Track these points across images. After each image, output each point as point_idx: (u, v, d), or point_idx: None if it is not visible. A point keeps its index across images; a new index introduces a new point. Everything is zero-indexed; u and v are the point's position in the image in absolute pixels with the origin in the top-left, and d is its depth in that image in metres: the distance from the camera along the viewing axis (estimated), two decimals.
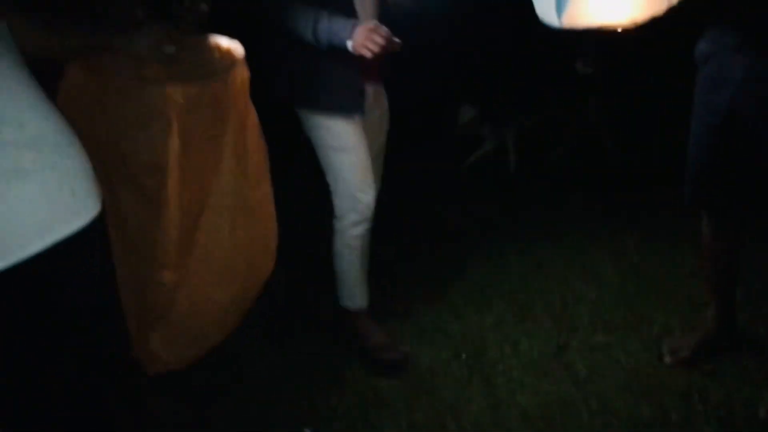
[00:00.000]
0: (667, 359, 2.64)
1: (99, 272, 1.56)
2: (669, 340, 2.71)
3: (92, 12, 2.12)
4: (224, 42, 2.18)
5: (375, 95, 2.68)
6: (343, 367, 2.74)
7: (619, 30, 1.62)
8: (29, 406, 1.46)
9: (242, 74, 2.09)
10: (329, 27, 2.34)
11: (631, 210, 3.77)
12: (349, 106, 2.55)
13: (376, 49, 2.30)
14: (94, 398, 1.56)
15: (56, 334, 1.44)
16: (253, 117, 2.19)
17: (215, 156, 2.08)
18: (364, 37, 2.30)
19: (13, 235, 1.33)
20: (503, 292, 3.16)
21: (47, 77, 1.75)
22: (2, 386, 1.43)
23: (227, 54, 2.15)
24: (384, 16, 2.55)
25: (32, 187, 1.36)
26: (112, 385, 1.62)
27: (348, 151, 2.59)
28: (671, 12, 1.55)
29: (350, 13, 2.42)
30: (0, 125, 1.33)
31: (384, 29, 2.31)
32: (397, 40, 2.34)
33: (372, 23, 2.34)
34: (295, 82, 2.55)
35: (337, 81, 2.51)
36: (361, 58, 2.36)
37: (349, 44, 2.33)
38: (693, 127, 2.39)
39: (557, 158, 4.36)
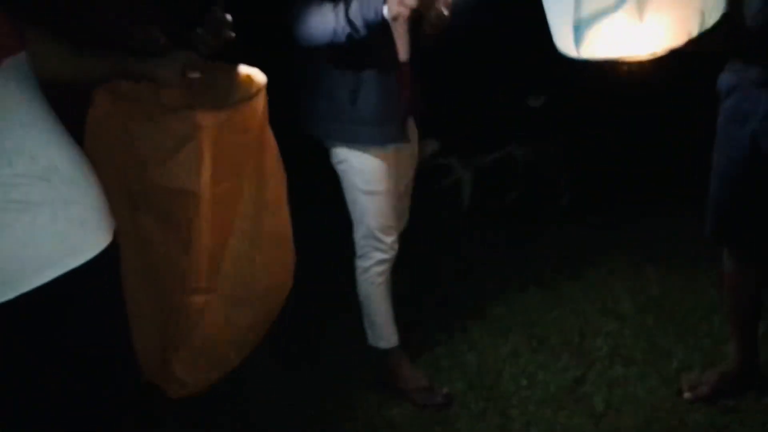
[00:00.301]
0: (687, 395, 2.59)
1: (108, 304, 1.57)
2: (689, 376, 2.66)
3: (116, 38, 2.14)
4: (246, 69, 2.19)
5: (410, 128, 2.66)
6: (355, 396, 2.72)
7: (637, 62, 1.60)
8: None
9: (264, 101, 2.10)
10: (359, 4, 2.23)
11: (651, 241, 3.71)
12: (389, 136, 2.51)
13: (413, 3, 2.22)
14: (102, 428, 1.56)
15: (64, 364, 1.44)
16: (272, 142, 2.20)
17: (239, 181, 2.10)
18: None
19: (21, 266, 1.34)
20: (520, 324, 3.12)
21: (73, 103, 1.78)
22: (9, 415, 1.43)
23: (249, 81, 2.16)
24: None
25: (41, 220, 1.37)
26: (120, 416, 1.62)
27: (377, 195, 2.57)
28: (689, 44, 1.53)
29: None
30: (12, 157, 1.34)
31: None
32: None
33: None
34: (331, 115, 2.49)
35: (378, 112, 2.46)
36: (400, 89, 2.37)
37: (386, 10, 2.22)
38: (715, 160, 2.37)
39: (511, 201, 4.24)
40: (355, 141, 2.50)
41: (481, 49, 3.60)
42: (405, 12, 2.21)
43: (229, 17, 1.94)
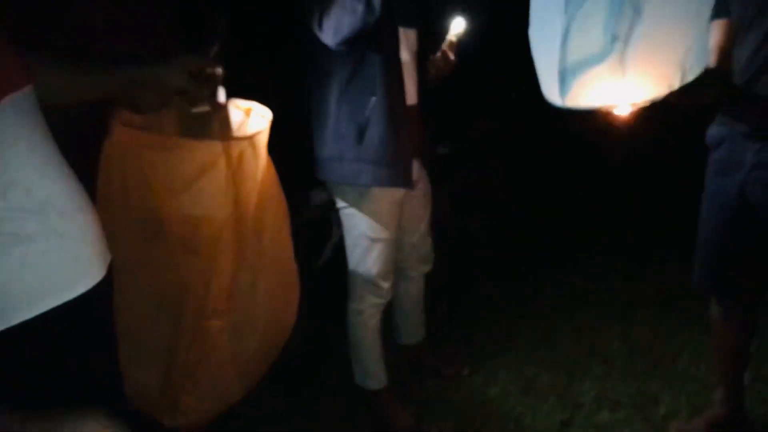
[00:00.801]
0: None
1: (96, 339, 1.54)
2: (676, 423, 2.66)
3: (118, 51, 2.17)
4: (252, 104, 2.22)
5: (418, 171, 2.70)
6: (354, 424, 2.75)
7: (620, 112, 1.64)
8: None
9: (267, 133, 2.13)
10: None
11: (640, 285, 3.75)
12: (393, 179, 2.51)
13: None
14: None
15: (51, 397, 1.41)
16: (273, 171, 2.21)
17: (250, 208, 2.12)
18: None
19: (11, 299, 1.32)
20: (509, 364, 3.14)
21: (88, 135, 1.79)
22: None
23: (256, 114, 2.19)
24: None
25: (34, 253, 1.35)
26: None
27: (380, 242, 2.60)
28: (671, 96, 1.57)
29: (394, 59, 2.45)
30: (7, 189, 1.31)
31: None
32: None
33: None
34: (338, 153, 2.50)
35: (387, 152, 2.47)
36: (410, 131, 2.43)
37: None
38: (703, 210, 2.40)
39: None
40: (358, 181, 2.51)
41: None
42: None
43: (219, 71, 1.97)
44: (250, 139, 2.05)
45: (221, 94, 2.14)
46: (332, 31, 2.31)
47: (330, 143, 2.50)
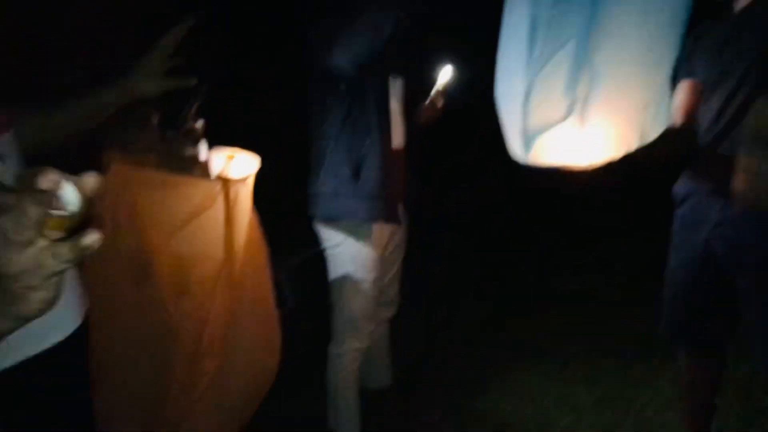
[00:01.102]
0: None
1: (72, 386, 1.52)
2: None
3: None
4: (233, 150, 2.23)
5: (402, 214, 2.75)
6: None
7: (578, 170, 1.69)
8: None
9: (253, 177, 2.15)
10: None
11: (609, 334, 3.76)
12: (386, 213, 2.59)
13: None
14: None
15: None
16: (255, 215, 2.21)
17: (240, 251, 2.12)
18: None
19: None
20: (478, 413, 3.13)
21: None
22: None
23: (237, 159, 2.20)
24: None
25: None
26: None
27: (365, 282, 2.63)
28: (638, 153, 1.62)
29: (381, 114, 2.52)
30: None
31: None
32: None
33: None
34: (335, 191, 2.55)
35: (382, 190, 2.54)
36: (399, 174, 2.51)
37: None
38: (671, 264, 2.44)
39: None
40: (354, 216, 2.56)
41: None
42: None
43: (200, 125, 1.98)
44: (244, 180, 2.07)
45: (203, 149, 2.17)
46: (353, 50, 2.36)
47: (327, 179, 2.56)
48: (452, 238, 4.99)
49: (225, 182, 1.99)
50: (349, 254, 2.61)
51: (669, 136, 2.21)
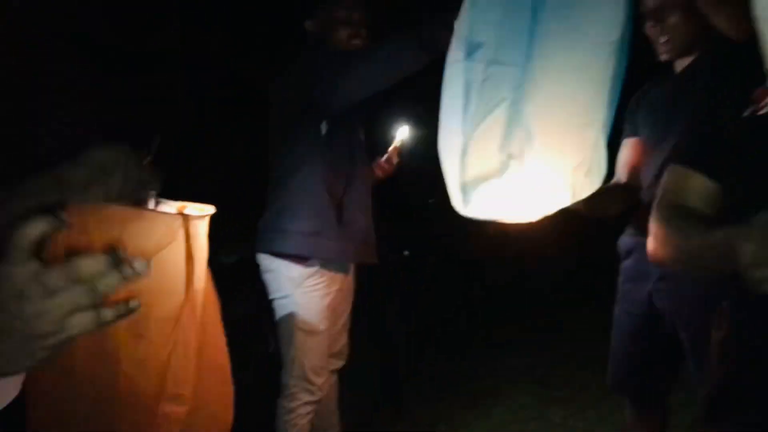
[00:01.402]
0: None
1: None
2: None
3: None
4: (184, 204, 2.21)
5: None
6: None
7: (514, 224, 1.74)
8: None
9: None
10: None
11: (557, 384, 3.79)
12: (370, 256, 2.64)
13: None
14: None
15: None
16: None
17: (199, 292, 2.02)
18: None
19: None
20: None
21: None
22: None
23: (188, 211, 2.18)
24: None
25: None
26: None
27: (316, 335, 2.60)
28: (562, 212, 1.67)
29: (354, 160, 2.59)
30: None
31: None
32: None
33: None
34: (316, 232, 2.54)
35: (362, 232, 2.60)
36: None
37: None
38: (616, 316, 2.47)
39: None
40: (340, 258, 2.60)
41: None
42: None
43: (155, 178, 1.98)
44: (203, 218, 1.98)
45: (151, 202, 2.18)
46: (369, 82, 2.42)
47: (311, 219, 2.55)
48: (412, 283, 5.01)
49: (185, 217, 1.96)
50: (299, 305, 2.58)
51: (614, 191, 2.29)
